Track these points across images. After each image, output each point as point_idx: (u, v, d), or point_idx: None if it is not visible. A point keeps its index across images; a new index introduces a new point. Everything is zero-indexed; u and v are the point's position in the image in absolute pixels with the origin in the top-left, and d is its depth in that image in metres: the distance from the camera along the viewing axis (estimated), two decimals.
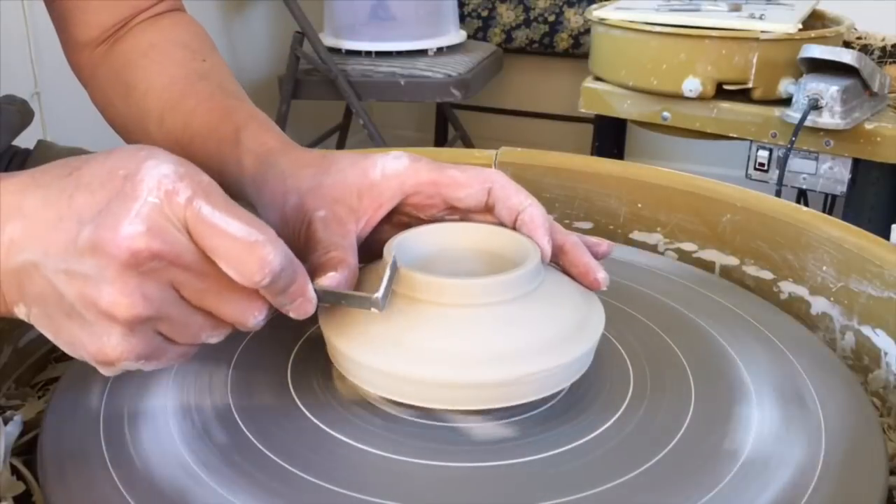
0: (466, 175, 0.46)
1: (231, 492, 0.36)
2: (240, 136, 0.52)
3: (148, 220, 0.33)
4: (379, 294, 0.39)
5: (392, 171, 0.46)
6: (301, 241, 0.45)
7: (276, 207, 0.47)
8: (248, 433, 0.40)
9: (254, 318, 0.37)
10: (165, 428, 0.41)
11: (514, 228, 0.45)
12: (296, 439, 0.40)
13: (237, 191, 0.52)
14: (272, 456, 0.39)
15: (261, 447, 0.39)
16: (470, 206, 0.46)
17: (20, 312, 0.37)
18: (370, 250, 0.46)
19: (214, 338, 0.38)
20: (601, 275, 0.45)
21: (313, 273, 0.41)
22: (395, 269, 0.40)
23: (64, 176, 0.36)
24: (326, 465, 0.38)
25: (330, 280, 0.40)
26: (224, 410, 0.42)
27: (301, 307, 0.38)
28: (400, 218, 0.47)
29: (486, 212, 0.47)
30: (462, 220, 0.47)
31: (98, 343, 0.35)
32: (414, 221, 0.47)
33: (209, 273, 0.35)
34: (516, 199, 0.45)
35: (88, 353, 0.36)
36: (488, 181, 0.45)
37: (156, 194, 0.34)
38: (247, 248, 0.34)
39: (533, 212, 0.45)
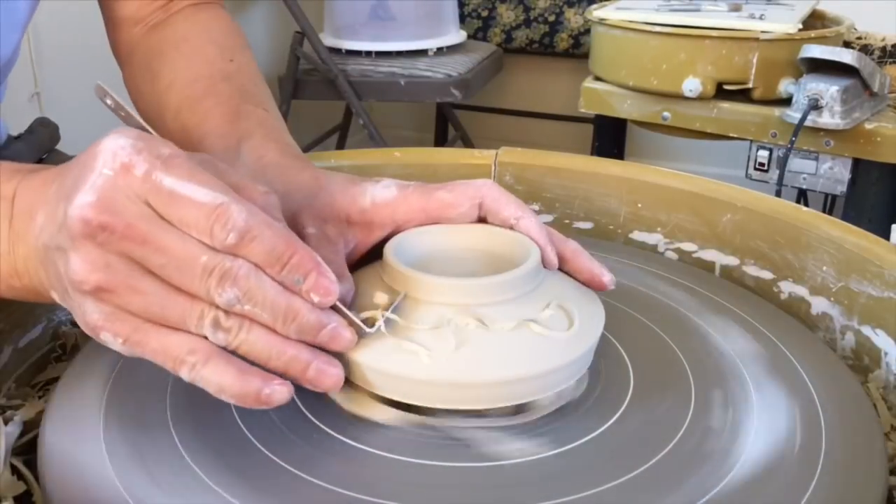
0: (454, 194, 0.46)
1: (230, 492, 0.36)
2: (241, 147, 0.52)
3: (99, 191, 0.34)
4: (373, 329, 0.39)
5: (382, 200, 0.46)
6: None
7: None
8: (247, 433, 0.40)
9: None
10: (165, 428, 0.41)
11: None
12: (295, 440, 0.40)
13: None
14: (271, 455, 0.39)
15: (259, 447, 0.39)
16: (464, 224, 0.47)
17: (55, 296, 0.38)
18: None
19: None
20: (607, 277, 0.45)
21: None
22: (401, 301, 0.40)
23: (71, 162, 0.38)
24: (325, 465, 0.38)
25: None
26: (224, 410, 0.42)
27: (320, 285, 0.36)
28: None
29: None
30: None
31: (80, 314, 0.36)
32: None
33: (171, 247, 0.35)
34: (507, 211, 0.45)
35: (81, 326, 0.37)
36: (477, 196, 0.46)
37: (110, 166, 0.34)
38: (212, 210, 0.34)
39: (527, 224, 0.45)
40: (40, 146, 0.76)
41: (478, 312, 0.41)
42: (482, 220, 0.46)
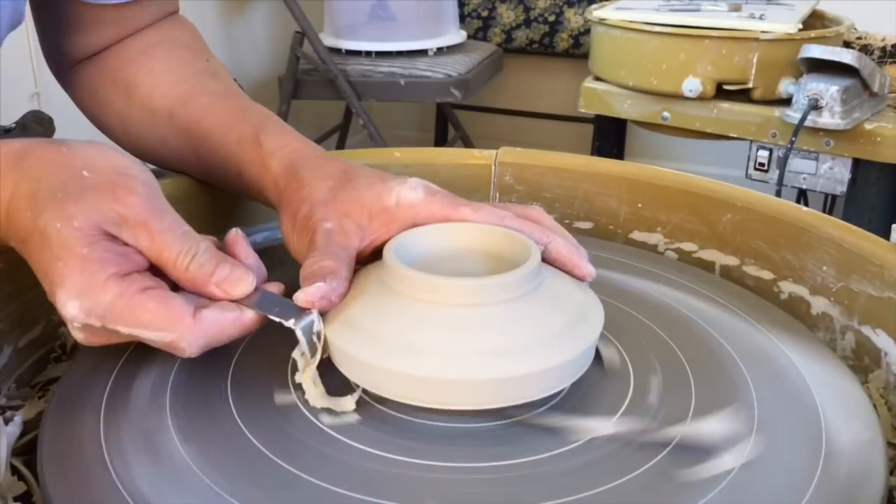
0: (479, 215, 0.47)
1: (230, 491, 0.36)
2: (260, 138, 0.53)
3: (82, 334, 0.42)
4: (300, 323, 0.41)
5: (406, 201, 0.47)
6: (305, 249, 0.46)
7: (291, 212, 0.49)
8: (246, 432, 0.40)
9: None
10: (165, 428, 0.41)
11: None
12: (295, 438, 0.40)
13: (257, 189, 0.53)
14: (270, 455, 0.39)
15: (260, 446, 0.39)
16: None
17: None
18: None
19: None
20: (587, 268, 0.46)
21: (303, 280, 0.42)
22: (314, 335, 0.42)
23: (38, 235, 0.41)
24: (326, 464, 0.38)
25: (316, 290, 0.42)
26: (224, 411, 0.42)
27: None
28: None
29: None
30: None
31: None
32: None
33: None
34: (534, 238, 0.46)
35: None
36: (500, 224, 0.47)
37: (78, 332, 0.41)
38: (165, 346, 0.41)
39: (557, 246, 0.46)
40: None
41: (478, 312, 0.41)
42: None
